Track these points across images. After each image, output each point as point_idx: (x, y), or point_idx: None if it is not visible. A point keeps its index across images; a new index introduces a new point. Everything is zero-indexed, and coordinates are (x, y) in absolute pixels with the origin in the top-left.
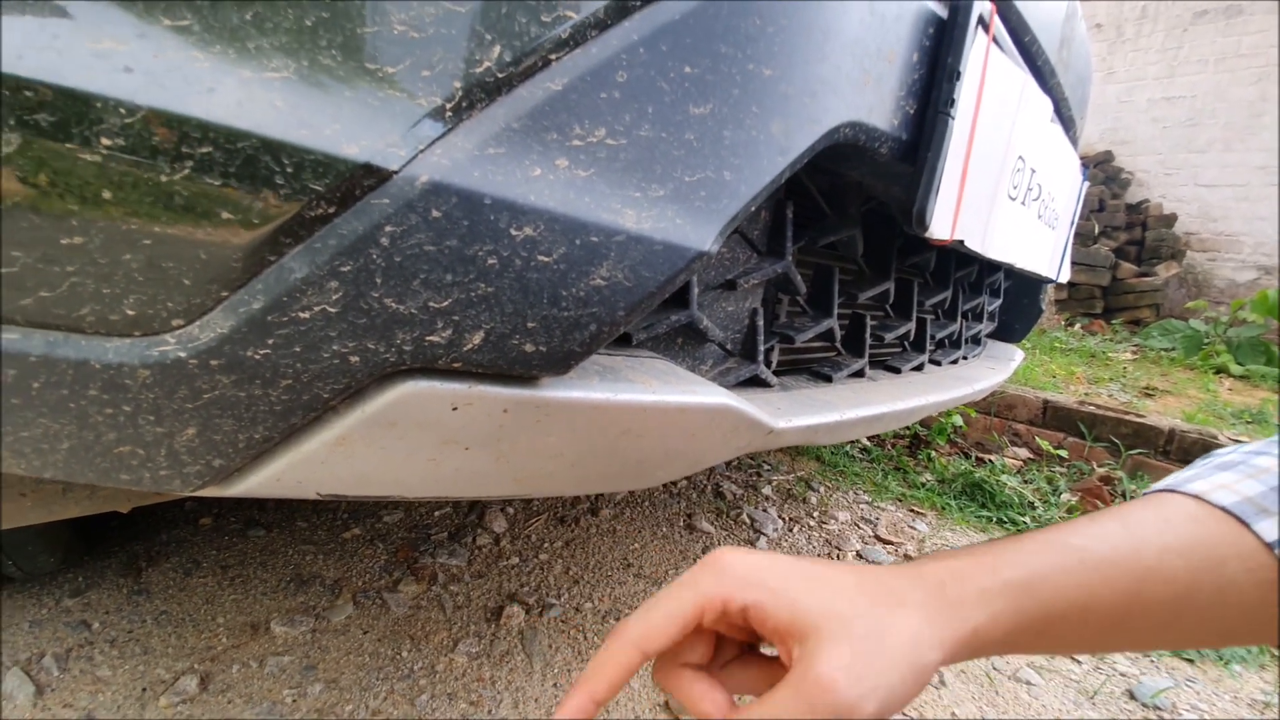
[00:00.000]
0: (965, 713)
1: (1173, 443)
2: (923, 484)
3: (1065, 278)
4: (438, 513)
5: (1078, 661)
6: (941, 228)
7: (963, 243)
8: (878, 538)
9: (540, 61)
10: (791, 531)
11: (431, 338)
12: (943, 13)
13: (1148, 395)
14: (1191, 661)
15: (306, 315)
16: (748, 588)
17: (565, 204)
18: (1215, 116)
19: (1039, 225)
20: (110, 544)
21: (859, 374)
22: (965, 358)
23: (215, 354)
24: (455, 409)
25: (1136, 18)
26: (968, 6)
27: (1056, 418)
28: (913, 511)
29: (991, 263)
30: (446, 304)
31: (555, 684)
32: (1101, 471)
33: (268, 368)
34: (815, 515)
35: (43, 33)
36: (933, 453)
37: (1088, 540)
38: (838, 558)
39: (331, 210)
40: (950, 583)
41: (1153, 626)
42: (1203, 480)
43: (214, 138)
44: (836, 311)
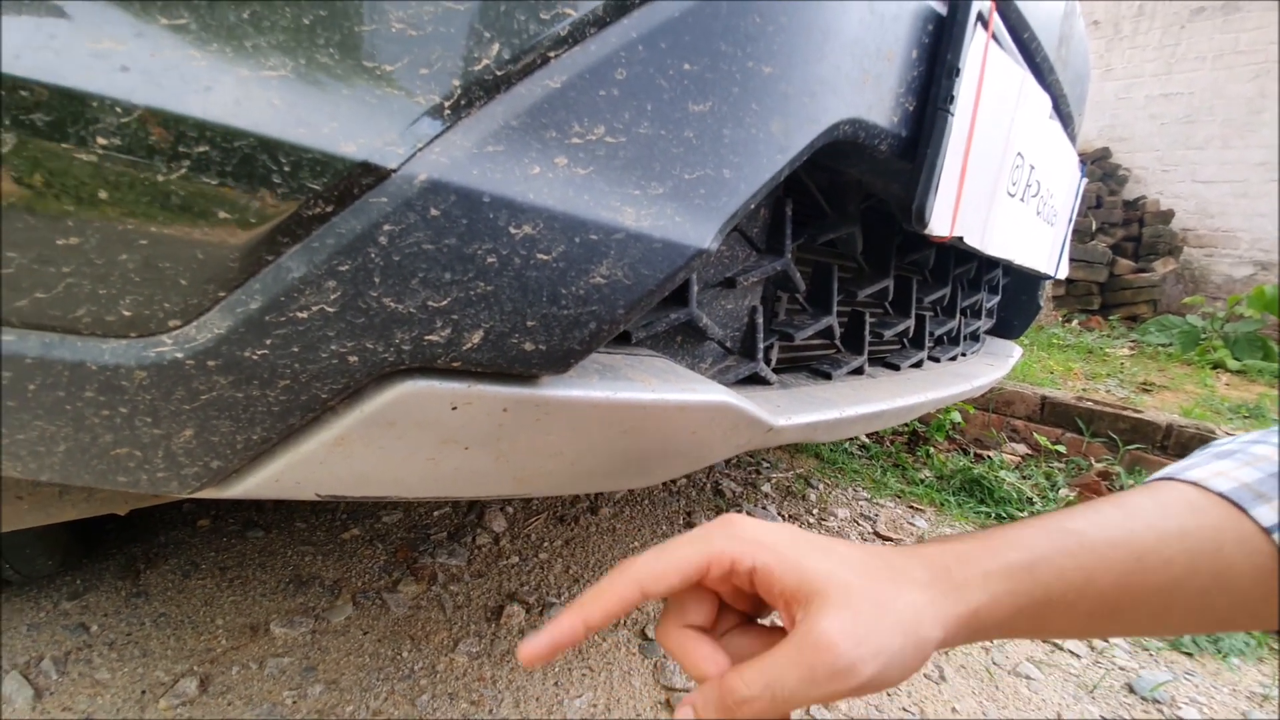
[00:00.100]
0: (965, 707)
1: (1170, 438)
2: (921, 480)
3: (1064, 274)
4: (437, 513)
5: (1077, 655)
6: (941, 224)
7: (962, 239)
8: (877, 534)
9: (539, 59)
10: None
11: (430, 337)
12: (942, 10)
13: (1145, 391)
14: (1190, 655)
15: (304, 315)
16: (759, 550)
17: (564, 202)
18: (1213, 113)
19: (1038, 222)
20: (108, 546)
21: (858, 371)
22: (964, 354)
23: (212, 355)
24: (454, 408)
25: (1134, 15)
26: (967, 4)
27: (1054, 413)
28: (912, 508)
29: (990, 259)
30: (445, 303)
31: (556, 683)
32: (1099, 467)
33: (265, 368)
34: (815, 512)
35: (39, 32)
36: (931, 449)
37: (1087, 525)
38: None
39: (329, 209)
40: (953, 564)
41: (1150, 610)
42: (1201, 468)
43: (211, 136)
44: (836, 309)
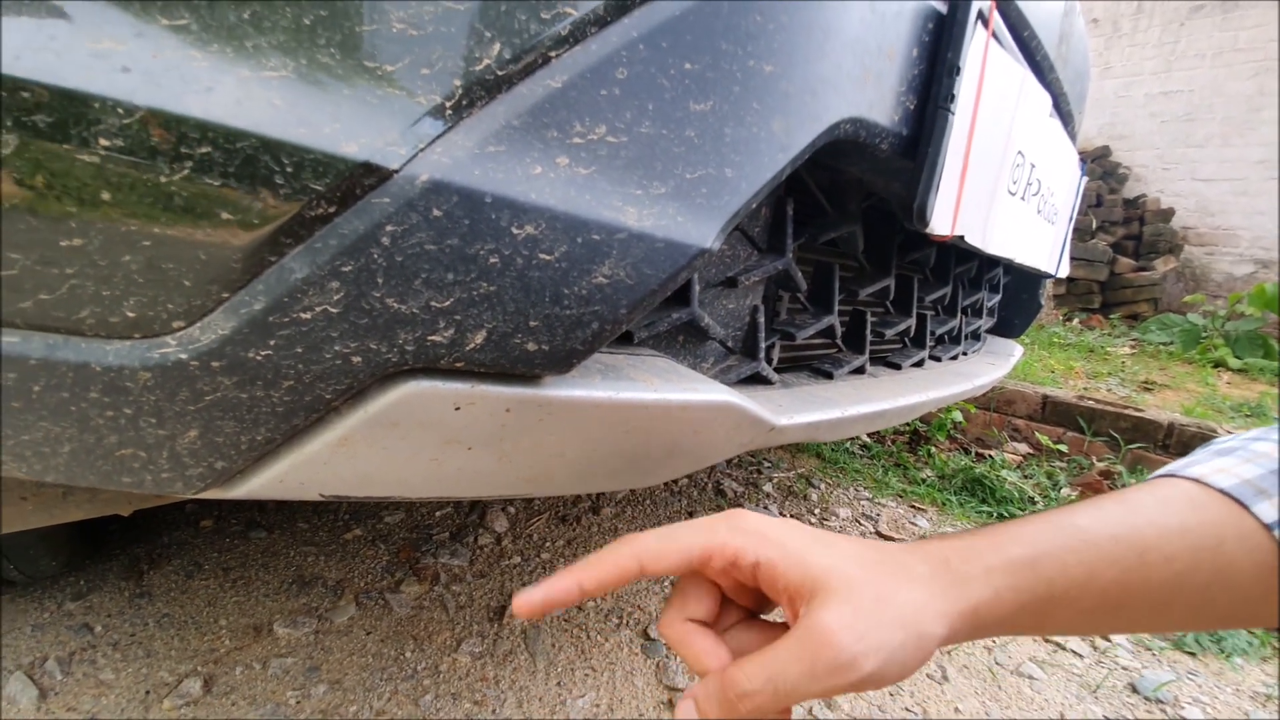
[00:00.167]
0: (968, 708)
1: (1172, 436)
2: (923, 480)
3: (1064, 273)
4: (439, 513)
5: (1080, 655)
6: (942, 223)
7: (963, 238)
8: (879, 534)
9: (540, 59)
10: None
11: (433, 337)
12: (943, 8)
13: (1146, 389)
14: (1193, 655)
15: (308, 316)
16: (763, 544)
17: (566, 202)
18: (1213, 111)
19: (1038, 220)
20: (112, 547)
21: (860, 370)
22: (965, 353)
23: (216, 355)
24: (458, 409)
25: (1133, 13)
26: (967, 2)
27: (1056, 413)
28: (913, 507)
29: (991, 258)
30: (448, 303)
31: (559, 683)
32: (1101, 466)
33: (269, 369)
34: (816, 512)
35: (40, 33)
36: (933, 449)
37: (1090, 521)
38: None
39: (332, 210)
40: (956, 560)
41: (1152, 606)
42: (1202, 465)
43: (212, 137)
44: (837, 308)
